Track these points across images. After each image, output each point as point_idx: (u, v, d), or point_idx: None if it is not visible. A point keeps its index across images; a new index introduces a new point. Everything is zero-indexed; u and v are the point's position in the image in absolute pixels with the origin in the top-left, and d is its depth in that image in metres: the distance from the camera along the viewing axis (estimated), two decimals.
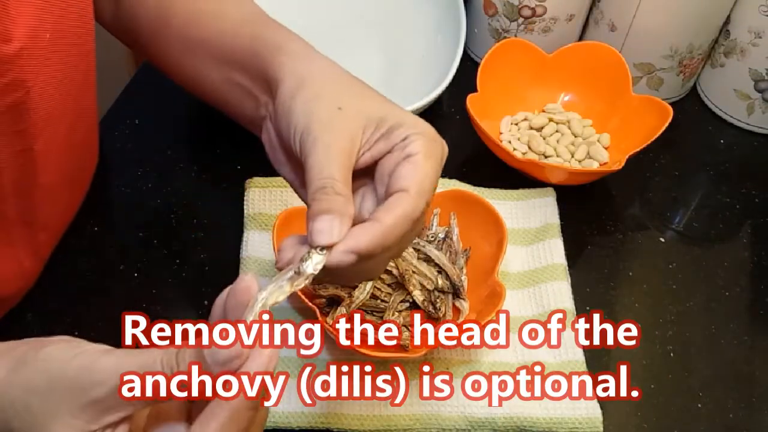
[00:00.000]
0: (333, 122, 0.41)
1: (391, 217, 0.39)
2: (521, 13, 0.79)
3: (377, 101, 0.45)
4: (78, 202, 0.66)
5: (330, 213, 0.38)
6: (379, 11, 0.87)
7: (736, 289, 0.68)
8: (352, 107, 0.42)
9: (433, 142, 0.43)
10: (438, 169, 0.43)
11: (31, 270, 0.60)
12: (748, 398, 0.61)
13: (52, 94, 0.49)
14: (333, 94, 0.43)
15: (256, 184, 0.69)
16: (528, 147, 0.75)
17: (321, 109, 0.42)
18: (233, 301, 0.36)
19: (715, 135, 0.82)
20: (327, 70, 0.45)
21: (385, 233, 0.39)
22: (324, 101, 0.42)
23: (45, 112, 0.49)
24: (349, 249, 0.38)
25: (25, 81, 0.46)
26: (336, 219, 0.38)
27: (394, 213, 0.39)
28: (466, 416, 0.56)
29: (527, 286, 0.65)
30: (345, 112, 0.41)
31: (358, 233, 0.39)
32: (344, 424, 0.56)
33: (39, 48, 0.46)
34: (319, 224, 0.38)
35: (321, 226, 0.38)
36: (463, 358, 0.60)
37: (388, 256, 0.42)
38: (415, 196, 0.40)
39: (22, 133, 0.48)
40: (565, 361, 0.60)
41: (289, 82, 0.44)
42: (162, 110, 0.79)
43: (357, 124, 0.42)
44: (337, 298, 0.59)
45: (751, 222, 0.74)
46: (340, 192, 0.39)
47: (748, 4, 0.75)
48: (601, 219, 0.73)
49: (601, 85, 0.77)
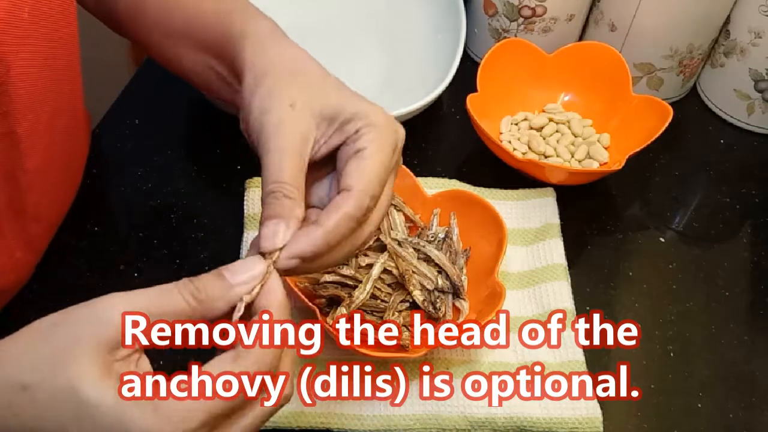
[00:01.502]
0: (284, 122, 0.42)
1: (333, 220, 0.41)
2: (521, 13, 0.79)
3: (333, 92, 0.45)
4: (71, 194, 0.66)
5: (276, 218, 0.40)
6: (379, 11, 0.87)
7: (736, 289, 0.68)
8: (305, 103, 0.42)
9: (384, 132, 0.43)
10: (389, 160, 0.43)
11: (25, 262, 0.60)
12: (748, 398, 0.61)
13: (34, 76, 0.49)
14: (286, 89, 0.43)
15: (256, 184, 0.69)
16: (528, 147, 0.75)
17: (273, 108, 0.42)
18: None
19: (715, 135, 0.82)
20: (285, 62, 0.45)
21: (327, 236, 0.40)
22: (276, 99, 0.42)
23: (27, 95, 0.49)
24: (291, 255, 0.40)
25: (4, 57, 0.46)
26: (281, 224, 0.40)
27: (335, 215, 0.41)
28: (466, 416, 0.56)
29: (527, 286, 0.65)
30: (297, 109, 0.42)
31: (301, 239, 0.40)
32: (344, 424, 0.56)
33: (17, 25, 0.46)
34: (265, 229, 0.40)
35: (266, 231, 0.40)
36: (463, 358, 0.60)
37: (345, 252, 0.43)
38: (357, 195, 0.41)
39: (4, 115, 0.48)
40: (565, 361, 0.60)
41: (248, 77, 0.45)
42: (162, 110, 0.79)
43: (309, 121, 0.42)
44: (337, 298, 0.59)
45: (751, 222, 0.74)
46: (289, 195, 0.40)
47: (748, 4, 0.75)
48: (601, 219, 0.73)
49: (601, 85, 0.77)
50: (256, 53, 0.45)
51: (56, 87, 0.54)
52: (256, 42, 0.46)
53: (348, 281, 0.60)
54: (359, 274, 0.61)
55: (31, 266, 0.62)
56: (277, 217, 0.40)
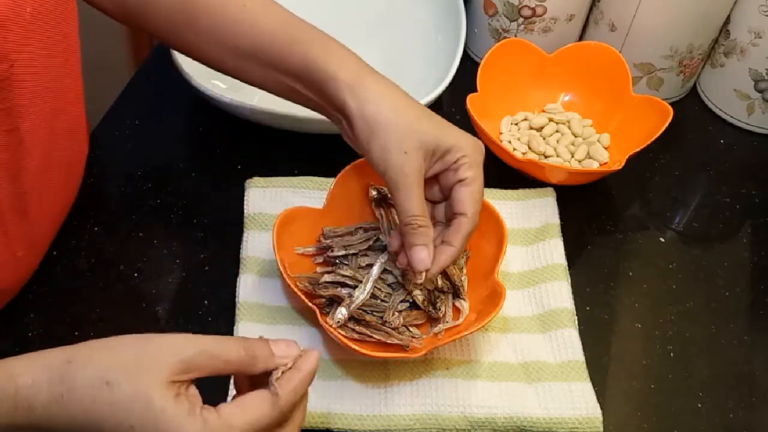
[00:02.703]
0: (404, 167, 0.53)
1: (459, 239, 0.55)
2: (521, 13, 0.79)
3: (430, 128, 0.54)
4: (72, 194, 0.66)
5: (421, 245, 0.54)
6: (379, 11, 0.87)
7: (736, 289, 0.68)
8: (413, 149, 0.53)
9: (477, 158, 0.55)
10: (482, 181, 0.55)
11: (26, 261, 0.60)
12: (748, 398, 0.61)
13: (36, 72, 0.51)
14: (399, 140, 0.53)
15: (256, 184, 0.69)
16: (528, 147, 0.75)
17: (393, 157, 0.53)
18: None
19: (715, 135, 0.82)
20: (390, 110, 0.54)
21: (457, 253, 0.55)
22: (394, 149, 0.53)
23: (30, 91, 0.50)
24: (440, 268, 0.55)
25: (8, 54, 0.47)
26: (425, 250, 0.54)
27: (461, 235, 0.55)
28: (466, 416, 0.56)
29: (527, 286, 0.65)
30: (410, 155, 0.53)
31: (443, 256, 0.55)
32: (344, 424, 0.56)
33: (20, 22, 0.47)
34: (417, 255, 0.54)
35: (418, 256, 0.54)
36: (463, 358, 0.60)
37: None
38: (472, 218, 0.55)
39: (8, 111, 0.49)
40: (565, 361, 0.60)
41: (359, 126, 0.54)
42: (162, 110, 0.79)
43: (420, 159, 0.53)
44: (337, 298, 0.59)
45: (751, 222, 0.74)
46: (423, 224, 0.54)
47: (748, 4, 0.75)
48: (601, 219, 0.73)
49: (601, 85, 0.77)
50: (357, 98, 0.54)
51: (57, 84, 0.54)
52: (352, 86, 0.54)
53: (348, 281, 0.60)
54: (359, 274, 0.61)
55: (33, 266, 0.62)
56: (422, 245, 0.54)
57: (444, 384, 0.58)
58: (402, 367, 0.59)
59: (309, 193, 0.69)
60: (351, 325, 0.58)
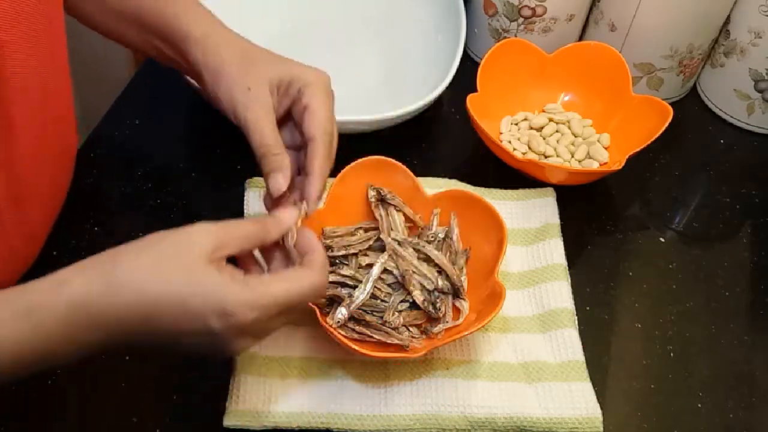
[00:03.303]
0: (250, 103, 0.55)
1: (316, 165, 0.55)
2: (521, 13, 0.79)
3: (269, 65, 0.57)
4: (64, 184, 0.66)
5: (275, 171, 0.54)
6: (380, 11, 0.87)
7: (736, 289, 0.68)
8: (256, 84, 0.56)
9: (319, 85, 0.57)
10: (328, 103, 0.57)
11: (23, 253, 0.60)
12: (748, 398, 0.61)
13: (25, 58, 0.51)
14: (241, 78, 0.56)
15: (256, 184, 0.69)
16: (528, 147, 0.75)
17: (238, 95, 0.56)
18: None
19: (715, 135, 0.82)
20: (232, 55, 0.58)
21: (322, 176, 0.55)
22: (237, 88, 0.56)
23: (19, 77, 0.51)
24: (315, 198, 0.55)
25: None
26: (279, 174, 0.54)
27: (316, 160, 0.55)
28: (466, 416, 0.56)
29: (527, 286, 0.65)
30: (254, 90, 0.56)
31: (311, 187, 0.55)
32: (344, 424, 0.56)
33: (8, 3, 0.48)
34: (271, 181, 0.54)
35: (272, 182, 0.54)
36: (462, 358, 0.60)
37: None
38: (321, 141, 0.55)
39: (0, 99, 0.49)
40: (565, 361, 0.60)
41: (207, 78, 0.58)
42: (162, 110, 0.79)
43: (266, 95, 0.56)
44: (337, 298, 0.59)
45: (751, 222, 0.74)
46: (276, 152, 0.55)
47: (748, 4, 0.75)
48: (601, 219, 0.73)
49: (601, 85, 0.77)
50: (205, 53, 0.58)
51: (44, 69, 0.55)
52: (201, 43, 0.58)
53: (348, 281, 0.60)
54: (359, 274, 0.61)
55: (29, 258, 0.62)
56: (275, 170, 0.54)
57: (444, 384, 0.58)
58: (402, 367, 0.59)
59: None
60: (351, 325, 0.58)
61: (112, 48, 0.68)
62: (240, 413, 0.55)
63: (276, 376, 0.58)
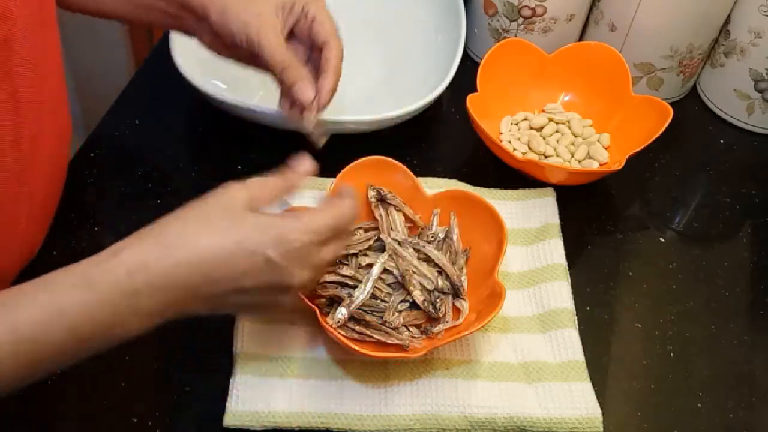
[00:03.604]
0: (261, 27, 0.60)
1: (333, 60, 0.62)
2: (521, 13, 0.79)
3: None
4: (63, 164, 0.66)
5: (300, 81, 0.60)
6: (380, 12, 0.87)
7: (736, 289, 0.68)
8: (265, 11, 0.61)
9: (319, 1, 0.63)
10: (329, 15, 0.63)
11: (29, 235, 0.60)
12: (748, 398, 0.61)
13: (33, 30, 0.52)
14: (252, 9, 0.61)
15: None
16: (528, 147, 0.75)
17: (250, 21, 0.60)
18: None
19: (715, 135, 0.82)
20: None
21: (337, 72, 0.62)
22: (247, 15, 0.60)
23: (26, 52, 0.51)
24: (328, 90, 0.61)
25: (10, 13, 0.48)
26: (305, 81, 0.60)
27: (333, 56, 0.62)
28: (466, 416, 0.56)
29: (527, 286, 0.65)
30: (262, 15, 0.61)
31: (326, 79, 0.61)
32: (344, 424, 0.56)
33: None
34: (300, 89, 0.60)
35: (302, 88, 0.60)
36: (462, 358, 0.60)
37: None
38: (335, 39, 0.62)
39: (8, 74, 0.50)
40: (565, 361, 0.60)
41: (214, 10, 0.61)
42: (162, 110, 0.79)
43: (274, 20, 0.61)
44: (337, 298, 0.59)
45: (751, 222, 0.74)
46: (294, 65, 0.61)
47: (748, 4, 0.75)
48: (601, 219, 0.73)
49: (601, 85, 0.77)
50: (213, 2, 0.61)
51: (46, 46, 0.55)
52: None
53: (348, 281, 0.60)
54: (359, 274, 0.61)
55: (35, 244, 0.62)
56: (300, 80, 0.60)
57: (444, 384, 0.58)
58: (402, 367, 0.59)
59: (309, 193, 0.69)
60: (351, 325, 0.58)
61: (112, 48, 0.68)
62: (240, 413, 0.55)
63: (276, 376, 0.58)
